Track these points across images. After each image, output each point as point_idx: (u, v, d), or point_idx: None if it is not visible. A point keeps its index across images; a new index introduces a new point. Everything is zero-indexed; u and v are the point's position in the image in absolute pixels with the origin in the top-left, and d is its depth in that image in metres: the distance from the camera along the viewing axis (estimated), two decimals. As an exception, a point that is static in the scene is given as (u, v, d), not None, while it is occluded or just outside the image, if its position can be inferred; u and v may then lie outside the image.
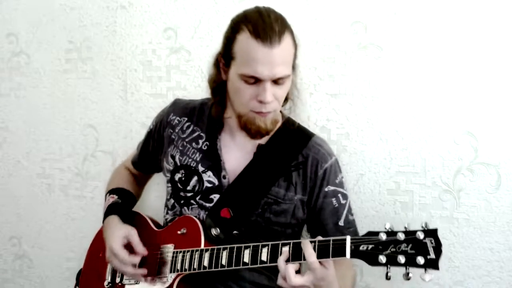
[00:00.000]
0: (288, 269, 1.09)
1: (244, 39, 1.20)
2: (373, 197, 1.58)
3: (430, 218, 1.52)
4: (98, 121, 1.93)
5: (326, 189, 1.36)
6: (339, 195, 1.37)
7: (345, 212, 1.38)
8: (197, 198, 1.36)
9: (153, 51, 1.82)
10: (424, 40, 1.49)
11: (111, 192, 1.50)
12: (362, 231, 1.57)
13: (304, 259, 1.10)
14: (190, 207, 1.37)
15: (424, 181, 1.53)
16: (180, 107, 1.47)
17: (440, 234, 1.49)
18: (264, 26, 1.19)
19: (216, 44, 1.70)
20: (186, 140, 1.42)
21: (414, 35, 1.50)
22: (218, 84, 1.35)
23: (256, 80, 1.21)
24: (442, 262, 1.55)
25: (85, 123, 1.95)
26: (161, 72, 1.82)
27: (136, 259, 1.29)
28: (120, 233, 1.33)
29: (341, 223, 1.36)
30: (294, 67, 1.29)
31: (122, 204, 1.46)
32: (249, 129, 1.30)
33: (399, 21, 1.51)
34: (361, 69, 1.56)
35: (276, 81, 1.23)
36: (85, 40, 1.92)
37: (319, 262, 1.08)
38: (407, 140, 1.54)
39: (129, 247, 1.31)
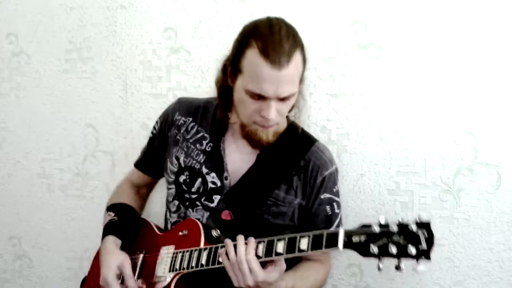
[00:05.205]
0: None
1: (253, 56, 1.18)
2: (373, 197, 1.58)
3: (430, 218, 1.52)
4: (98, 121, 1.93)
5: (322, 196, 1.37)
6: (334, 203, 1.39)
7: (337, 221, 1.39)
8: (202, 200, 1.37)
9: (153, 51, 1.82)
10: (424, 40, 1.49)
11: (108, 209, 1.48)
12: (362, 231, 1.58)
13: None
14: (194, 209, 1.37)
15: (424, 181, 1.53)
16: (185, 106, 1.46)
17: (440, 234, 1.51)
18: (274, 44, 1.17)
19: (216, 44, 1.71)
20: (190, 141, 1.41)
21: (414, 35, 1.50)
22: (225, 88, 1.33)
23: (260, 97, 1.20)
24: (442, 262, 1.56)
25: (85, 123, 1.95)
26: (161, 72, 1.82)
27: None
28: (113, 263, 1.31)
29: None
30: (302, 80, 1.28)
31: (119, 222, 1.43)
32: (251, 139, 1.31)
33: (399, 21, 1.51)
34: (361, 69, 1.56)
35: (281, 98, 1.22)
36: (85, 40, 1.92)
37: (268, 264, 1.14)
38: (407, 140, 1.54)
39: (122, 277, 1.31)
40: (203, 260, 1.22)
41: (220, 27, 1.70)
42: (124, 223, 1.45)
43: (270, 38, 1.18)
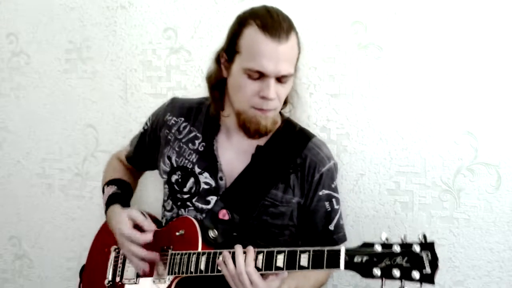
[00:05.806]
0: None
1: (252, 33, 1.21)
2: (373, 197, 1.58)
3: (430, 218, 1.52)
4: (98, 121, 1.93)
5: (320, 193, 1.36)
6: (333, 199, 1.38)
7: (337, 217, 1.39)
8: (194, 200, 1.36)
9: (153, 51, 1.82)
10: (424, 40, 1.49)
11: (109, 183, 1.50)
12: (361, 231, 1.58)
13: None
14: (186, 209, 1.36)
15: (424, 181, 1.53)
16: (177, 107, 1.46)
17: (440, 234, 1.51)
18: (272, 22, 1.20)
19: (216, 44, 1.69)
20: (183, 141, 1.41)
21: (414, 35, 1.50)
22: (218, 81, 1.34)
23: (260, 76, 1.21)
24: (442, 262, 1.55)
25: (85, 123, 1.95)
26: (161, 72, 1.82)
27: (149, 236, 1.30)
28: (124, 216, 1.33)
29: (331, 227, 1.37)
30: (296, 69, 1.29)
31: (123, 194, 1.46)
32: (248, 128, 1.29)
33: (399, 21, 1.51)
34: (361, 69, 1.56)
35: (279, 79, 1.23)
36: (85, 40, 1.92)
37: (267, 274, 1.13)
38: (407, 140, 1.53)
39: (137, 228, 1.32)
40: (202, 266, 1.21)
41: (220, 27, 1.70)
42: (127, 197, 1.48)
43: (268, 17, 1.22)
